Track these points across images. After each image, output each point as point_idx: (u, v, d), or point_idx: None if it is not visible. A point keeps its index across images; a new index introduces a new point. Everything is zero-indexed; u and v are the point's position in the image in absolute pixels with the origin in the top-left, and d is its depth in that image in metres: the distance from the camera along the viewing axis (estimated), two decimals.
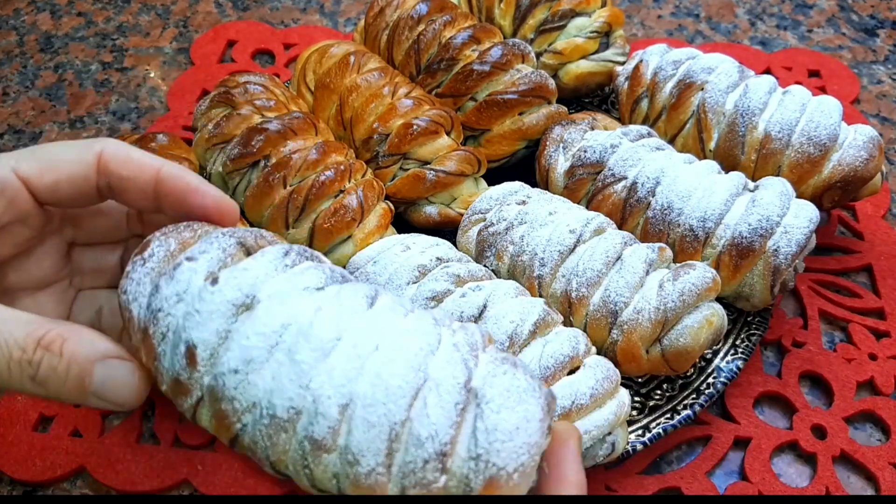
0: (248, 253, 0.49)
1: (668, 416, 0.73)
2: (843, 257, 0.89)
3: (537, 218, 0.76)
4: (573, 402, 0.64)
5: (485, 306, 0.69)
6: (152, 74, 1.18)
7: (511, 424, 0.42)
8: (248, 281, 0.46)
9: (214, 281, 0.46)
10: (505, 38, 0.97)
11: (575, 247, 0.74)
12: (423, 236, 0.79)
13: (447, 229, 0.85)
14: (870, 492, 0.72)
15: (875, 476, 0.73)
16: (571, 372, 0.67)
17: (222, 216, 0.52)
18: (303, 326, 0.44)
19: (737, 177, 0.78)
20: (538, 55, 0.97)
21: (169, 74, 1.17)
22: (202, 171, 0.89)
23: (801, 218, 0.75)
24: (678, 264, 0.73)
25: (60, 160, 0.50)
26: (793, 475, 0.74)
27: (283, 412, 0.43)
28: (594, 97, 1.04)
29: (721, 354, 0.77)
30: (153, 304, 0.46)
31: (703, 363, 0.76)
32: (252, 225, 0.85)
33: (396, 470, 0.42)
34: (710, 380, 0.75)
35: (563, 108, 0.93)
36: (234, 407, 0.44)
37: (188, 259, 0.47)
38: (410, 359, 0.44)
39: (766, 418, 0.77)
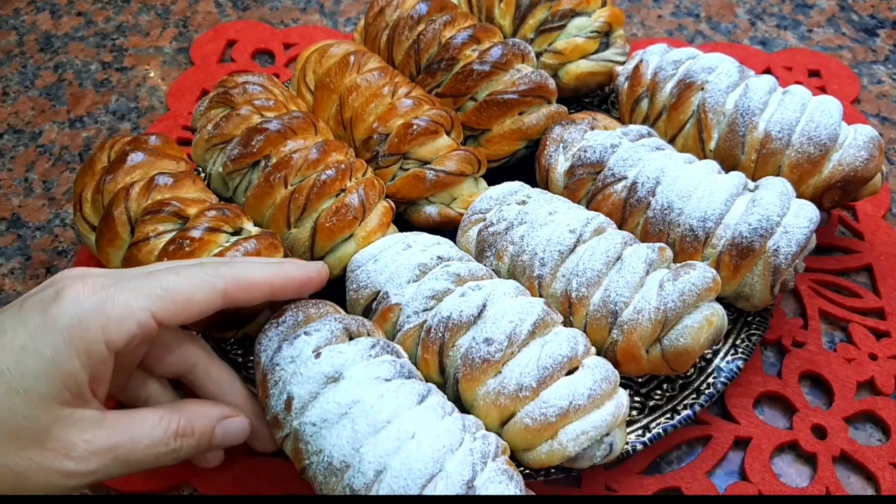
0: (351, 337, 0.68)
1: (669, 416, 0.73)
2: (843, 257, 0.89)
3: (537, 218, 0.76)
4: (570, 403, 0.64)
5: (484, 306, 0.69)
6: (152, 74, 1.18)
7: None
8: (340, 361, 0.65)
9: (318, 355, 0.65)
10: (505, 37, 0.97)
11: (575, 247, 0.74)
12: (425, 235, 0.79)
13: (447, 229, 0.85)
14: (870, 492, 0.72)
15: (875, 476, 0.73)
16: (570, 372, 0.67)
17: (321, 285, 0.72)
18: (366, 406, 0.62)
19: (737, 176, 0.78)
20: (538, 55, 0.97)
21: (169, 74, 1.17)
22: (201, 171, 0.89)
23: (801, 218, 0.74)
24: (678, 264, 0.73)
25: (193, 302, 0.61)
26: (793, 475, 0.74)
27: (337, 463, 0.61)
28: (594, 97, 1.04)
29: (721, 354, 0.77)
30: (275, 358, 0.67)
31: (703, 363, 0.76)
32: (255, 224, 0.85)
33: None
34: (711, 380, 0.75)
35: (563, 108, 0.93)
36: (307, 448, 0.63)
37: (305, 333, 0.67)
38: (434, 452, 0.59)
39: (767, 418, 0.77)
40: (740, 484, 0.73)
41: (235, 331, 0.76)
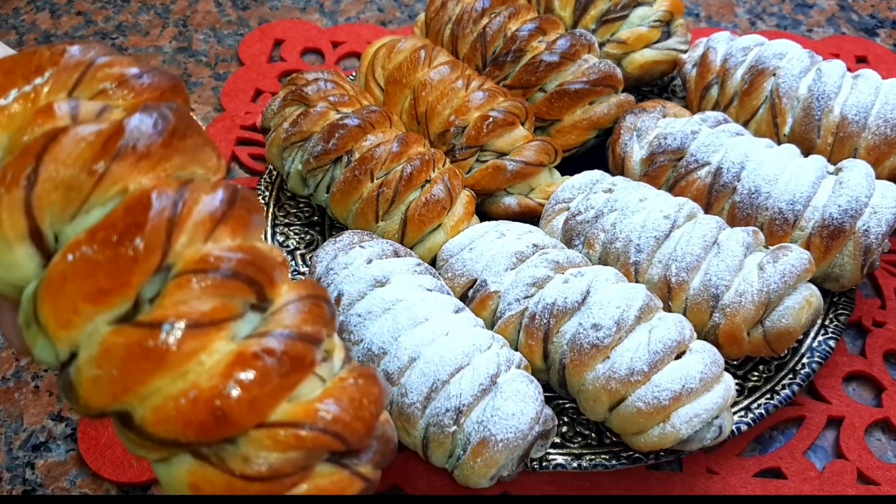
0: (398, 255, 0.75)
1: (769, 396, 0.73)
2: None
3: (628, 205, 0.77)
4: (683, 387, 0.65)
5: (588, 292, 0.70)
6: None
7: (510, 411, 0.62)
8: (389, 268, 0.72)
9: (370, 262, 0.73)
10: (566, 29, 0.98)
11: (670, 232, 0.74)
12: (516, 223, 0.79)
13: (526, 220, 0.86)
14: None
15: None
16: (678, 357, 0.67)
17: None
18: (408, 304, 0.68)
19: (819, 159, 0.79)
20: (600, 45, 0.98)
21: None
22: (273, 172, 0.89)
23: (888, 198, 0.75)
24: (774, 247, 0.74)
25: None
26: (888, 451, 0.75)
27: (377, 349, 0.67)
28: (654, 86, 1.04)
29: (812, 335, 0.78)
30: (330, 264, 0.74)
31: (795, 344, 0.77)
32: (337, 221, 0.85)
33: (428, 412, 0.64)
34: (805, 360, 0.76)
35: (632, 97, 0.93)
36: (349, 338, 0.69)
37: (360, 246, 0.74)
38: (464, 348, 0.65)
39: (856, 397, 0.78)
40: (838, 462, 0.73)
41: None
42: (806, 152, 0.84)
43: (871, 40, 1.16)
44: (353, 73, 1.03)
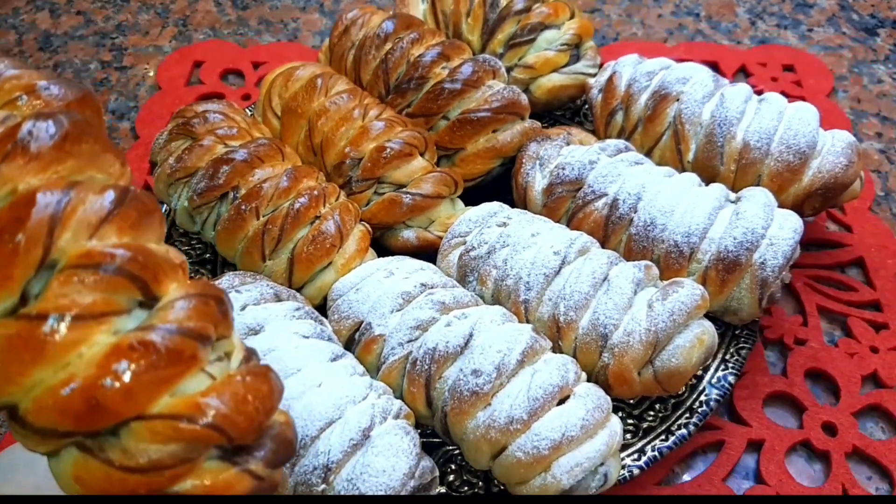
0: (279, 299, 0.72)
1: (663, 437, 0.71)
2: (834, 251, 0.89)
3: (520, 240, 0.74)
4: (563, 435, 0.62)
5: (471, 335, 0.67)
6: (151, 73, 1.16)
7: (380, 468, 0.60)
8: (263, 315, 0.69)
9: (244, 308, 0.70)
10: (474, 53, 0.95)
11: (560, 269, 0.72)
12: (408, 259, 0.77)
13: (426, 253, 0.83)
14: (885, 487, 0.72)
15: (889, 470, 0.72)
16: (561, 402, 0.65)
17: None
18: (280, 354, 0.66)
19: (718, 189, 0.77)
20: (508, 70, 0.95)
21: None
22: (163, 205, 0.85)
23: (786, 229, 0.73)
24: (665, 282, 0.71)
25: None
26: (808, 475, 0.73)
27: None
28: (566, 110, 1.02)
29: (712, 370, 0.75)
30: None
31: (693, 381, 0.75)
32: (224, 259, 0.82)
33: (297, 469, 0.61)
34: (703, 398, 0.73)
35: (537, 124, 0.91)
36: None
37: (236, 291, 0.71)
38: (336, 400, 0.62)
39: (777, 418, 0.77)
40: (758, 487, 0.72)
41: None
42: (709, 180, 0.82)
43: (800, 49, 1.15)
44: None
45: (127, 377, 0.41)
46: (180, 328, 0.43)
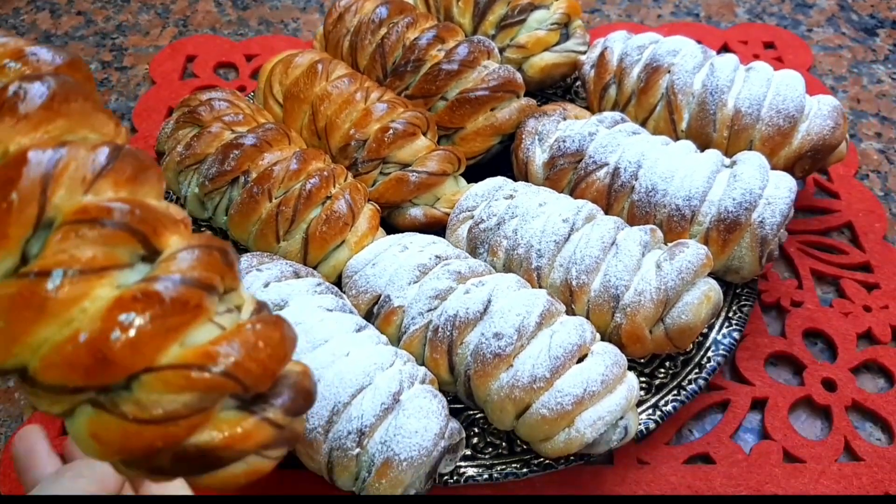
0: (298, 276, 0.74)
1: (676, 392, 0.74)
2: (824, 217, 0.93)
3: (528, 210, 0.77)
4: (585, 390, 0.65)
5: (489, 301, 0.69)
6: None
7: (413, 429, 0.62)
8: (286, 291, 0.71)
9: (267, 285, 0.72)
10: (466, 35, 0.98)
11: (569, 235, 0.74)
12: (419, 235, 0.79)
13: (433, 230, 0.85)
14: (885, 436, 0.75)
15: (888, 421, 0.75)
16: (580, 360, 0.67)
17: None
18: (307, 327, 0.67)
19: (714, 154, 0.80)
20: (501, 51, 0.98)
21: None
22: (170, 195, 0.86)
23: (781, 188, 0.77)
24: (671, 244, 0.74)
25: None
26: (811, 429, 0.76)
27: None
28: (557, 88, 1.05)
29: (717, 328, 0.79)
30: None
31: (700, 338, 0.78)
32: (237, 243, 0.84)
33: (331, 436, 0.63)
34: (710, 353, 0.76)
35: (533, 101, 0.93)
36: None
37: (257, 270, 0.73)
38: (365, 367, 0.64)
39: (778, 377, 0.80)
40: (764, 443, 0.74)
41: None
42: (703, 147, 0.85)
43: (781, 28, 1.18)
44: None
45: (133, 329, 0.41)
46: (184, 278, 0.43)
